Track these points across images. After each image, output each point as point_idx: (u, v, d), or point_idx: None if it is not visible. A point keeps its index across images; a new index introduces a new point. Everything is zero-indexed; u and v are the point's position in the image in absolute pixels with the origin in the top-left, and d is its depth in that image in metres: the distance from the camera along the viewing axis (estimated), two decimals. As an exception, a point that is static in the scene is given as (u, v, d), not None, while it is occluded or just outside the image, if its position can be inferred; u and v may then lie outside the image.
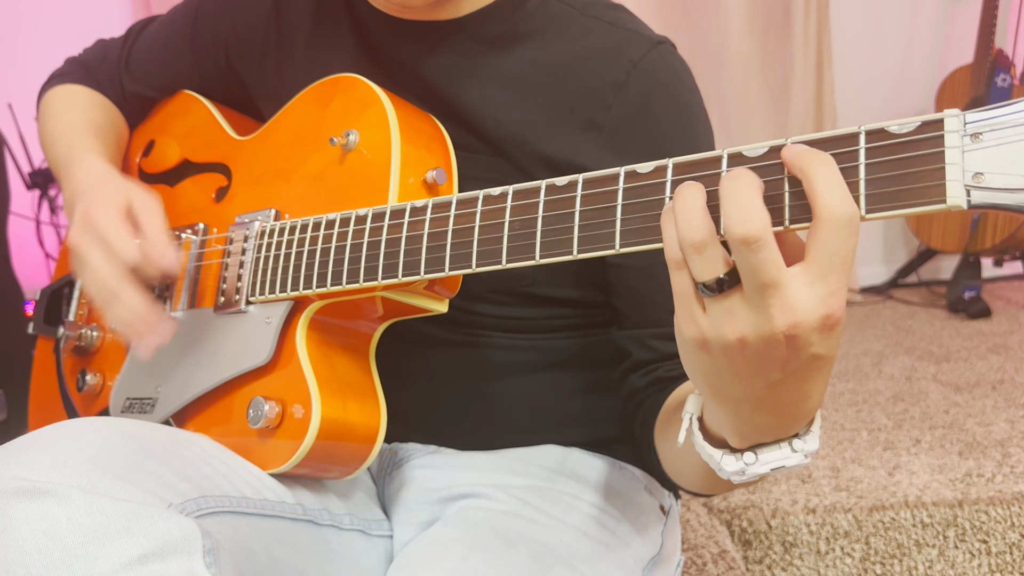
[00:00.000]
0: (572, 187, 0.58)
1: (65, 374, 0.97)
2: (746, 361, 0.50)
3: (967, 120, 0.45)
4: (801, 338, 0.48)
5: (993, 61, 2.73)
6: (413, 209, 0.67)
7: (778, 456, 0.56)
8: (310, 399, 0.71)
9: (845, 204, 0.46)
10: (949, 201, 0.45)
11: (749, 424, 0.55)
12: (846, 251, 0.46)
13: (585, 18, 0.81)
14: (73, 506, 0.57)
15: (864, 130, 0.48)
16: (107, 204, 0.78)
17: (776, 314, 0.47)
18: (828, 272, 0.46)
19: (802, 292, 0.47)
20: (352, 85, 0.78)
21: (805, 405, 0.53)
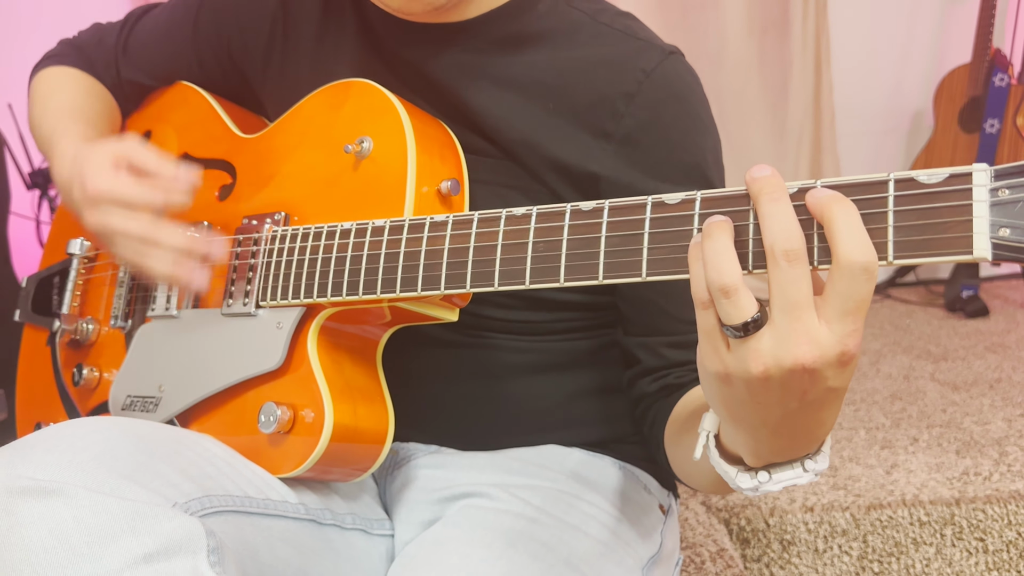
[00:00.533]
0: (598, 213, 0.58)
1: (61, 367, 0.98)
2: (768, 392, 0.51)
3: (995, 173, 0.47)
4: (820, 372, 0.50)
5: (991, 61, 2.74)
6: (433, 224, 0.67)
7: (791, 475, 0.58)
8: (322, 404, 0.72)
9: (863, 252, 0.48)
10: (975, 253, 0.47)
11: (765, 447, 0.57)
12: (862, 296, 0.48)
13: (596, 24, 0.81)
14: (79, 505, 0.57)
15: (893, 178, 0.49)
16: (98, 171, 0.78)
17: (798, 347, 0.49)
18: (844, 314, 0.48)
19: (823, 328, 0.49)
20: (366, 91, 0.78)
21: (819, 430, 0.56)
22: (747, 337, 0.50)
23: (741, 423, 0.56)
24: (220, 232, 0.85)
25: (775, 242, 0.49)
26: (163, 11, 1.01)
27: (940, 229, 0.48)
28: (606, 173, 0.78)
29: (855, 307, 0.48)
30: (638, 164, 0.78)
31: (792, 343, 0.49)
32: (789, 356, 0.49)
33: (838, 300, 0.48)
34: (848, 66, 3.02)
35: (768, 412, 0.53)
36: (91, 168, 0.78)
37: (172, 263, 0.76)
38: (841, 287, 0.48)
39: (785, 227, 0.49)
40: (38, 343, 1.02)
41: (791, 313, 0.49)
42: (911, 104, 3.08)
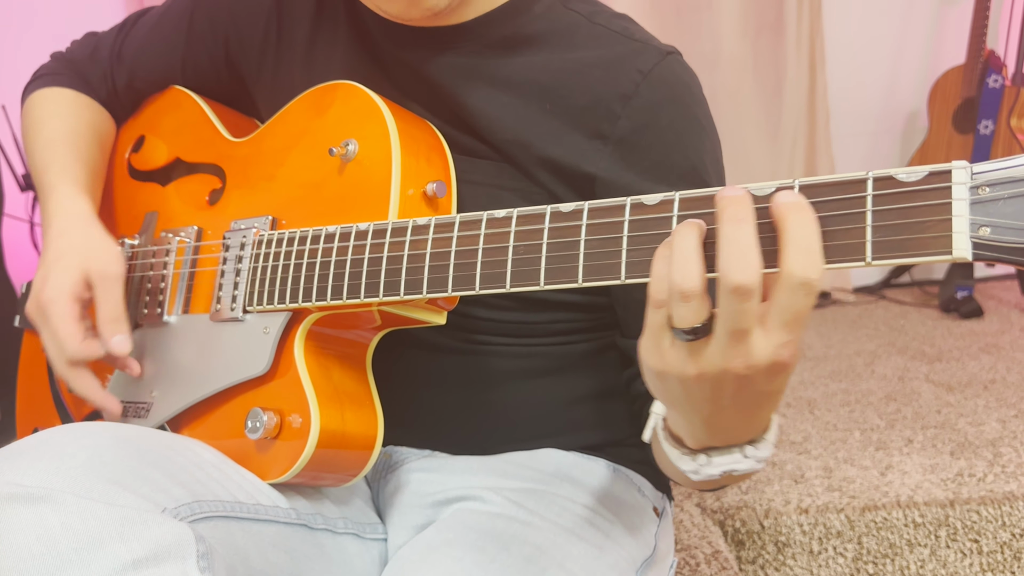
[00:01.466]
0: (578, 215, 0.58)
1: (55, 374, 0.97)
2: (700, 391, 0.53)
3: (974, 172, 0.46)
4: (751, 378, 0.51)
5: (985, 62, 2.75)
6: (415, 227, 0.66)
7: (729, 460, 0.59)
8: (308, 410, 0.71)
9: (804, 269, 0.47)
10: (955, 253, 0.46)
11: (701, 433, 0.59)
12: (799, 310, 0.48)
13: (592, 25, 0.81)
14: (67, 511, 0.57)
15: (872, 176, 0.48)
16: (61, 290, 0.81)
17: (735, 358, 0.50)
18: (781, 325, 0.49)
19: (760, 340, 0.49)
20: (351, 93, 0.78)
21: (752, 424, 0.58)
22: (692, 341, 0.51)
23: (675, 410, 0.58)
24: (210, 238, 0.85)
25: (728, 272, 0.48)
26: (157, 14, 1.00)
27: (919, 229, 0.47)
28: (601, 174, 0.78)
29: (792, 320, 0.48)
30: (634, 166, 0.77)
31: (729, 358, 0.50)
32: (719, 365, 0.51)
33: (777, 310, 0.48)
34: (842, 67, 3.03)
35: (701, 406, 0.55)
36: (60, 277, 0.81)
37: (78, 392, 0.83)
38: (781, 298, 0.48)
39: (741, 258, 0.48)
40: (36, 349, 1.02)
41: (734, 335, 0.49)
42: (905, 105, 3.09)
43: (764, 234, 0.50)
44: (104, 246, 0.84)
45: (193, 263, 0.85)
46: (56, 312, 0.80)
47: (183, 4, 0.97)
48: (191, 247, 0.86)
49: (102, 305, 0.81)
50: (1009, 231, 0.45)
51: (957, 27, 2.90)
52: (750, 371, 0.50)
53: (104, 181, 0.99)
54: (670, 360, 0.52)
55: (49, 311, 0.80)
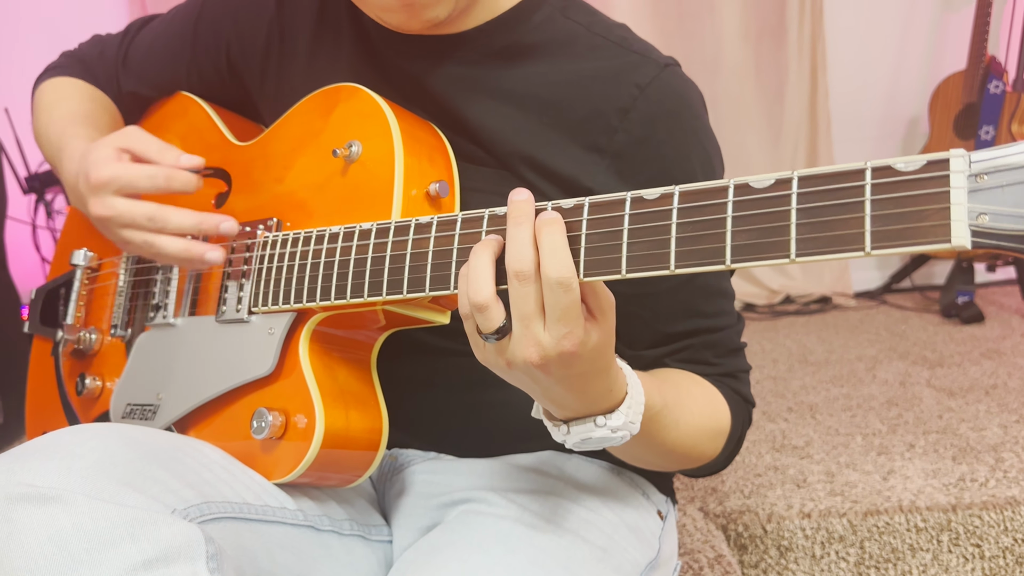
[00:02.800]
0: (578, 211, 0.59)
1: (64, 377, 0.98)
2: (519, 377, 0.63)
3: (972, 160, 0.46)
4: (548, 367, 0.60)
5: (986, 68, 2.75)
6: (418, 226, 0.67)
7: (583, 429, 0.66)
8: (313, 410, 0.72)
9: (556, 270, 0.57)
10: (954, 241, 0.46)
11: (552, 408, 0.66)
12: (563, 306, 0.57)
13: (591, 35, 0.81)
14: (78, 512, 0.57)
15: (871, 166, 0.48)
16: (102, 162, 0.79)
17: (527, 349, 0.59)
18: (554, 321, 0.58)
19: (545, 334, 0.59)
20: (353, 95, 0.79)
21: (583, 400, 0.64)
22: (498, 340, 0.60)
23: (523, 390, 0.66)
24: (215, 241, 0.85)
25: (510, 263, 0.58)
26: (161, 22, 1.01)
27: (918, 217, 0.47)
28: (599, 189, 0.78)
29: (561, 315, 0.57)
30: (631, 180, 0.77)
31: (523, 346, 0.59)
32: (521, 356, 0.59)
33: (548, 309, 0.58)
34: (844, 72, 3.03)
35: (531, 387, 0.64)
36: (95, 159, 0.79)
37: (181, 246, 0.78)
38: (548, 298, 0.58)
39: (519, 251, 0.58)
40: (44, 353, 1.02)
41: (522, 322, 0.59)
42: (906, 110, 3.09)
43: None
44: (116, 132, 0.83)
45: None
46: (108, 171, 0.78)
47: (187, 12, 0.98)
48: (197, 250, 0.86)
49: (148, 147, 0.80)
50: (1007, 218, 0.45)
51: (958, 33, 2.91)
52: (545, 360, 0.59)
53: None
54: (489, 358, 0.63)
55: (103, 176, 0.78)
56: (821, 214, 0.49)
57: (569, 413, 0.66)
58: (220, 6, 0.95)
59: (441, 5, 0.74)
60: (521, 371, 0.61)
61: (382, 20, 0.78)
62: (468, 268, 0.60)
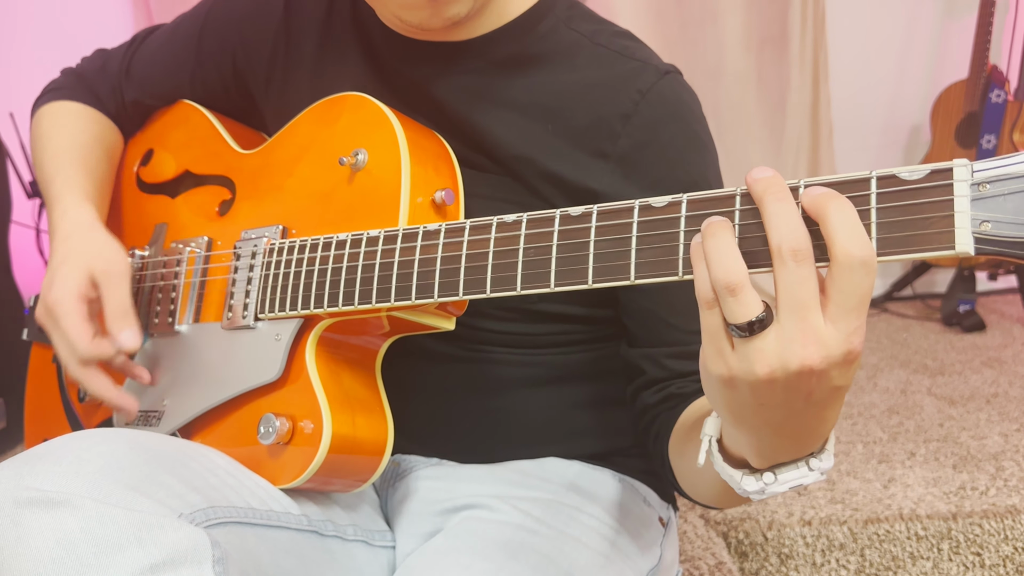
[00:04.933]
0: (587, 218, 0.59)
1: (66, 384, 0.98)
2: (772, 395, 0.51)
3: (975, 169, 0.48)
4: (826, 372, 0.49)
5: (987, 77, 2.76)
6: (426, 232, 0.67)
7: (796, 475, 0.57)
8: (320, 415, 0.72)
9: (861, 248, 0.47)
10: (958, 248, 0.47)
11: (769, 447, 0.56)
12: (863, 292, 0.48)
13: (594, 45, 0.82)
14: (86, 516, 0.58)
15: (876, 175, 0.49)
16: (67, 290, 0.81)
17: (805, 348, 0.48)
18: (847, 311, 0.48)
19: (828, 328, 0.49)
20: (359, 104, 0.79)
21: (822, 428, 0.56)
22: (752, 337, 0.50)
23: (744, 425, 0.55)
24: (221, 247, 0.86)
25: (783, 241, 0.48)
26: (166, 31, 1.02)
27: (922, 225, 0.48)
28: (604, 190, 0.79)
29: (857, 303, 0.48)
30: (636, 182, 0.78)
31: (799, 344, 0.48)
32: (796, 358, 0.49)
33: (840, 297, 0.48)
34: (846, 81, 3.04)
35: (772, 413, 0.52)
36: (61, 278, 0.82)
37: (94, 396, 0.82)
38: (842, 284, 0.48)
39: (792, 226, 0.49)
40: (45, 360, 1.03)
41: (798, 313, 0.48)
42: (908, 119, 3.10)
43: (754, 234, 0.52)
44: (107, 246, 0.85)
45: (204, 272, 0.86)
46: (64, 312, 0.80)
47: (193, 21, 0.98)
48: (202, 256, 0.86)
49: (108, 301, 0.81)
50: (1009, 226, 0.47)
51: (960, 42, 2.92)
52: (826, 362, 0.48)
53: (111, 193, 1.00)
54: (735, 364, 0.51)
55: (57, 312, 0.81)
56: None
57: (784, 454, 0.57)
58: (226, 13, 0.96)
59: (463, 1, 0.75)
60: (782, 385, 0.50)
61: (401, 19, 0.79)
62: (705, 248, 0.50)
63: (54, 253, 0.86)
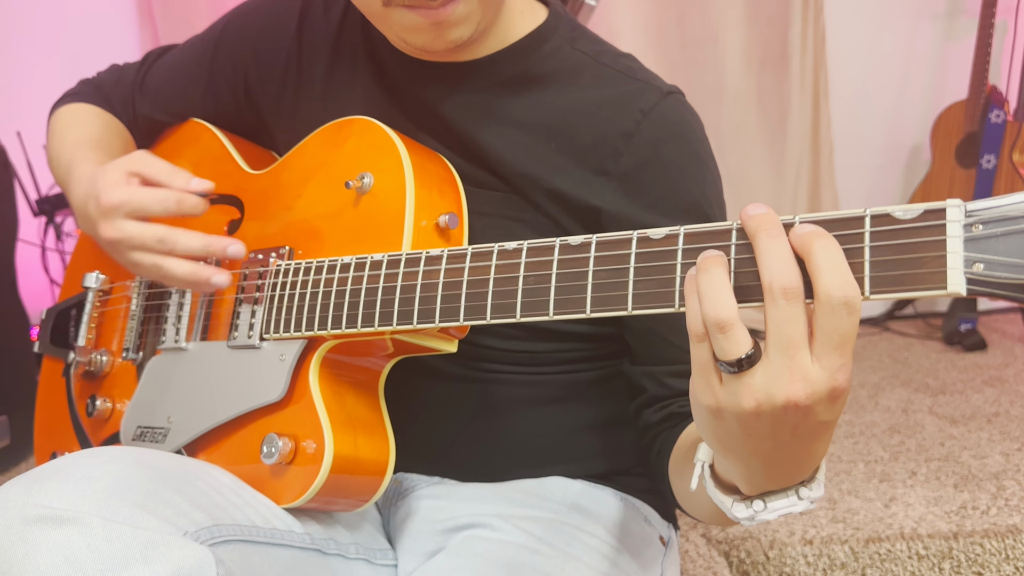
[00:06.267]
0: (586, 248, 0.60)
1: (75, 398, 0.99)
2: (759, 427, 0.52)
3: (968, 210, 0.48)
4: (812, 408, 0.50)
5: (987, 98, 2.78)
6: (429, 258, 0.69)
7: (785, 504, 0.58)
8: (323, 435, 0.73)
9: (842, 288, 0.48)
10: (949, 288, 0.47)
11: (759, 476, 0.57)
12: (845, 331, 0.48)
13: (598, 65, 0.84)
14: (93, 533, 0.59)
15: (870, 214, 0.50)
16: (112, 185, 0.79)
17: (791, 384, 0.49)
18: (831, 350, 0.49)
19: (814, 367, 0.49)
20: (366, 128, 0.81)
21: (810, 460, 0.57)
22: (741, 373, 0.51)
23: (732, 454, 0.56)
24: (228, 267, 0.87)
25: (774, 280, 0.49)
26: (181, 50, 1.04)
27: (915, 264, 0.48)
28: (607, 207, 0.80)
29: (840, 342, 0.49)
30: (638, 200, 0.80)
31: (785, 380, 0.49)
32: (782, 393, 0.50)
33: (823, 336, 0.49)
34: (846, 100, 3.06)
35: (759, 444, 0.53)
36: (105, 182, 0.80)
37: (189, 268, 0.78)
38: (824, 323, 0.48)
39: (784, 265, 0.49)
40: (55, 374, 1.04)
41: (786, 351, 0.49)
42: (909, 138, 3.12)
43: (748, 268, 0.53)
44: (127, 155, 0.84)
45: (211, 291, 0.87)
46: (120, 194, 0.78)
47: (206, 40, 1.00)
48: (209, 276, 0.87)
49: (158, 171, 0.80)
50: (1002, 267, 0.47)
51: (959, 63, 2.94)
52: (811, 398, 0.49)
53: None
54: (723, 396, 0.52)
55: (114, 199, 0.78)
56: None
57: (773, 483, 0.58)
58: (239, 32, 0.97)
59: (466, 25, 0.77)
60: (768, 418, 0.51)
61: (406, 41, 0.80)
62: (698, 283, 0.51)
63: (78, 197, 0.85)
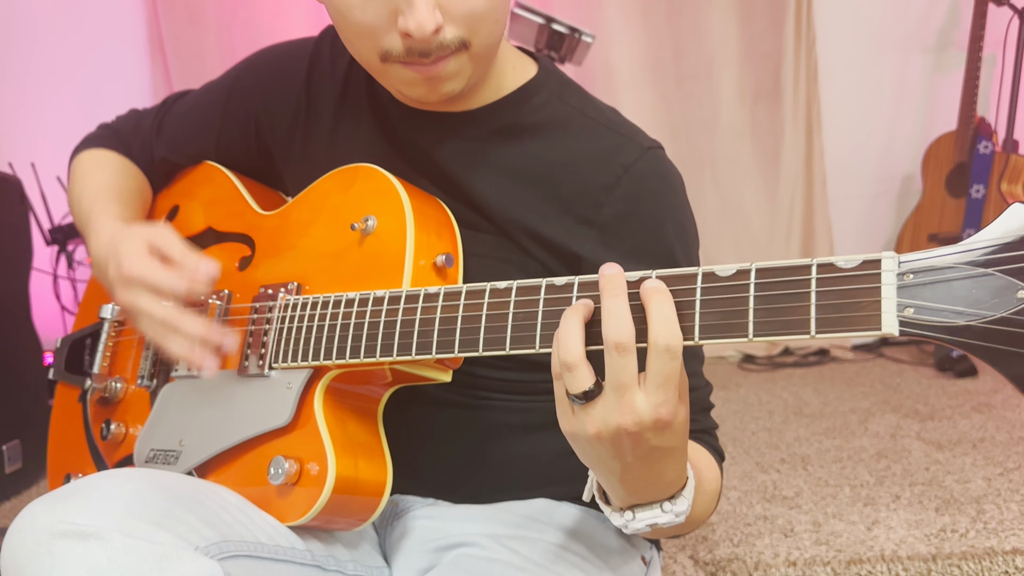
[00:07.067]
0: (569, 288, 0.67)
1: (91, 422, 1.05)
2: (602, 449, 0.64)
3: (901, 261, 0.55)
4: (640, 435, 0.62)
5: (975, 129, 2.85)
6: (427, 295, 0.75)
7: (650, 515, 0.69)
8: (326, 458, 0.79)
9: (667, 337, 0.59)
10: (884, 329, 0.55)
11: (619, 491, 0.68)
12: (667, 372, 0.60)
13: (584, 119, 0.90)
14: (113, 548, 0.65)
15: (816, 263, 0.57)
16: (133, 255, 0.85)
17: (622, 416, 0.61)
18: (656, 387, 0.60)
19: (641, 400, 0.61)
20: (371, 175, 0.87)
21: (661, 480, 0.67)
22: (586, 404, 0.62)
23: (595, 471, 0.68)
24: (239, 300, 0.93)
25: (608, 335, 0.60)
26: (195, 95, 1.11)
27: (854, 308, 0.55)
28: (587, 255, 0.86)
29: (663, 381, 0.60)
30: (615, 248, 0.86)
31: (617, 413, 0.61)
32: (614, 423, 0.61)
33: (651, 375, 0.60)
34: (839, 132, 3.13)
35: (610, 464, 0.65)
36: (126, 251, 0.86)
37: (187, 349, 0.83)
38: (652, 364, 0.60)
39: (617, 322, 0.60)
40: (70, 400, 1.09)
41: (618, 391, 0.61)
42: (900, 168, 3.19)
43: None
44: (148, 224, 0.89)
45: (223, 323, 0.93)
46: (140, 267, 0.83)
47: (220, 88, 1.07)
48: (222, 309, 0.93)
49: (173, 251, 0.84)
50: (929, 311, 0.54)
51: (949, 95, 3.01)
52: (639, 427, 0.61)
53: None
54: (574, 423, 0.64)
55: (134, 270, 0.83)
56: (774, 301, 0.58)
57: (636, 498, 0.68)
58: (252, 80, 1.04)
59: (457, 80, 0.83)
60: (608, 442, 0.62)
61: (402, 93, 0.87)
62: (559, 330, 0.63)
63: (98, 251, 0.91)
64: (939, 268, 0.54)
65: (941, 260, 0.54)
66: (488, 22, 0.80)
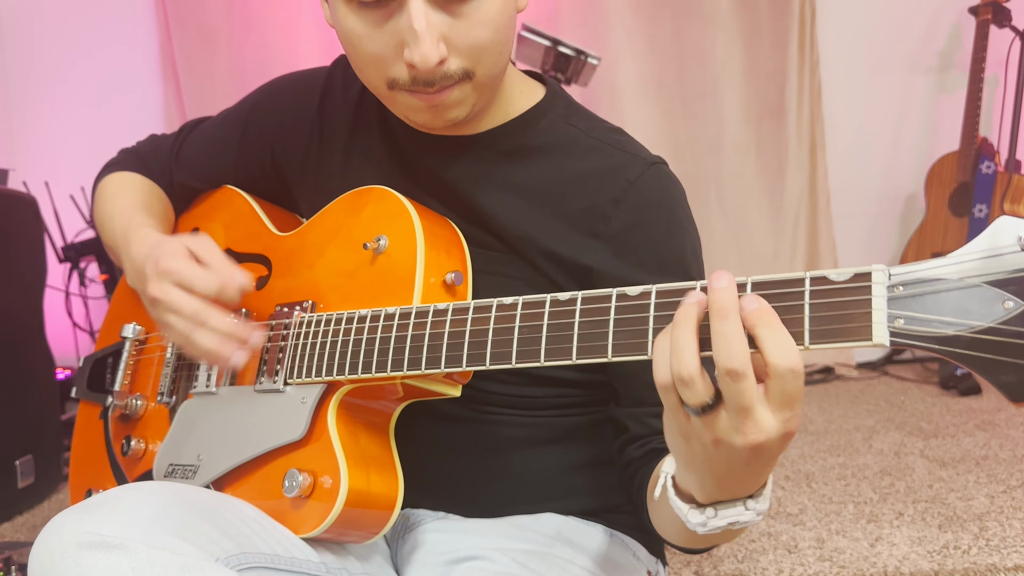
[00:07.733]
0: (572, 303, 0.69)
1: (112, 438, 1.07)
2: (719, 454, 0.62)
3: (891, 273, 0.57)
4: (765, 448, 0.60)
5: (978, 149, 2.87)
6: (436, 311, 0.78)
7: (734, 513, 0.67)
8: (339, 471, 0.81)
9: (786, 360, 0.57)
10: (875, 340, 0.57)
11: (711, 487, 0.67)
12: (792, 391, 0.58)
13: (589, 139, 0.93)
14: (137, 558, 0.67)
15: (809, 276, 0.59)
16: (172, 254, 0.88)
17: (749, 431, 0.59)
18: (782, 406, 0.59)
19: (767, 417, 0.59)
20: (383, 196, 0.90)
21: (759, 479, 0.66)
22: (703, 416, 0.60)
23: (693, 470, 0.66)
24: (256, 318, 0.96)
25: (720, 361, 0.58)
26: (213, 123, 1.14)
27: (846, 319, 0.57)
28: (597, 267, 0.89)
29: (790, 400, 0.58)
30: (625, 259, 0.89)
31: (747, 431, 0.59)
32: (740, 438, 0.59)
33: (775, 396, 0.58)
34: (842, 151, 3.16)
35: (716, 467, 0.63)
36: (165, 250, 0.89)
37: (215, 342, 0.86)
38: (775, 386, 0.58)
39: (731, 347, 0.57)
40: (92, 416, 1.12)
41: (739, 413, 0.59)
42: (904, 188, 3.21)
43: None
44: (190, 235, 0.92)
45: None
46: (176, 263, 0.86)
47: (237, 115, 1.11)
48: (239, 327, 0.96)
49: (212, 257, 0.88)
50: (919, 322, 0.56)
51: (952, 115, 3.04)
52: (767, 441, 0.59)
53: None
54: (688, 428, 0.62)
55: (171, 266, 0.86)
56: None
57: (722, 495, 0.67)
58: (267, 108, 1.08)
59: (461, 107, 0.86)
60: (726, 449, 0.60)
61: (409, 120, 0.90)
62: (671, 338, 0.60)
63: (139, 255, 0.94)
64: (928, 280, 0.56)
65: (930, 272, 0.56)
66: (492, 53, 0.83)
